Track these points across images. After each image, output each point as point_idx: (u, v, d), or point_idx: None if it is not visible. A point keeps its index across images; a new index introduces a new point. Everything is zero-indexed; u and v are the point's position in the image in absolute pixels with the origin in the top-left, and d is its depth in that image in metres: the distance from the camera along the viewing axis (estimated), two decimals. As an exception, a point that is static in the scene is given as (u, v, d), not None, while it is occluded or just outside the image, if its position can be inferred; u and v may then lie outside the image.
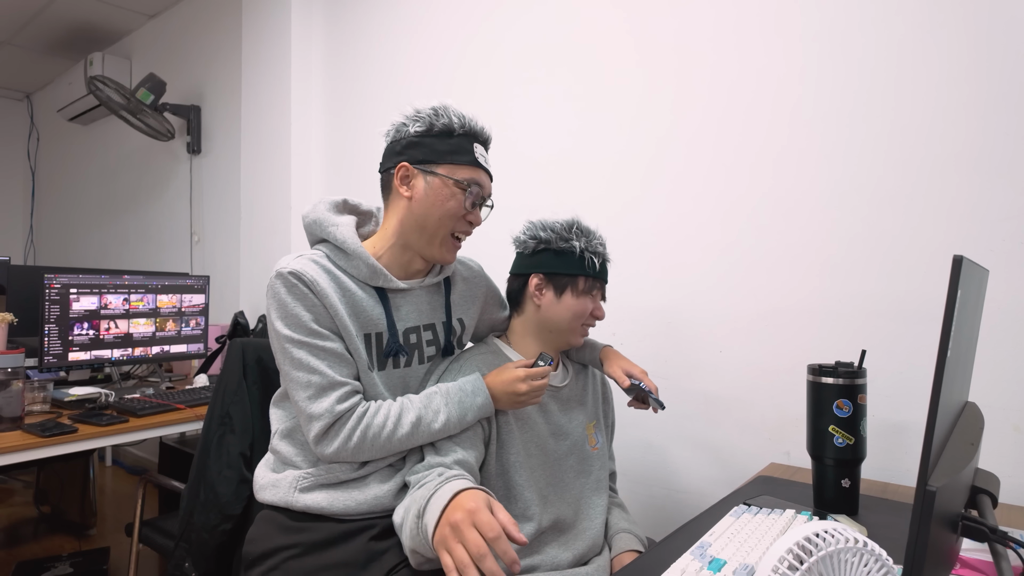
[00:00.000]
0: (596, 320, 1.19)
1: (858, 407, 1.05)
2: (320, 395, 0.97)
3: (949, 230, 1.26)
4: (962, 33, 1.25)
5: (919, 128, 1.29)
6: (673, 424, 1.62)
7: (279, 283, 0.99)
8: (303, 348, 0.98)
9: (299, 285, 0.99)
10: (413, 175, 1.04)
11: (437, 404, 1.02)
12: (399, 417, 1.00)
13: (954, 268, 0.53)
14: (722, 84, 1.56)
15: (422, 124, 1.05)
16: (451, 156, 1.04)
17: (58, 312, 1.98)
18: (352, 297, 1.03)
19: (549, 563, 1.08)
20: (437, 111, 1.05)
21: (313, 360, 0.97)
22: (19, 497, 3.12)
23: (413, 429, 1.00)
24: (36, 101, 4.97)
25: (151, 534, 1.62)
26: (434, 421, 1.01)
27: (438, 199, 1.03)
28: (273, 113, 2.62)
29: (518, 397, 1.05)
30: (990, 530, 0.63)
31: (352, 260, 1.04)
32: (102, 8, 3.48)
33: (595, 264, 1.16)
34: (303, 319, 0.98)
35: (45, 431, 1.57)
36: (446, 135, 1.04)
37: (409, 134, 1.05)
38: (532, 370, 1.05)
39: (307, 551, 0.99)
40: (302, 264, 1.01)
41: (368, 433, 0.98)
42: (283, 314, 0.99)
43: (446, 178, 1.03)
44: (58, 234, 4.74)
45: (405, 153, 1.05)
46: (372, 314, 1.04)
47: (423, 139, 1.04)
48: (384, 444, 0.99)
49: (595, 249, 1.16)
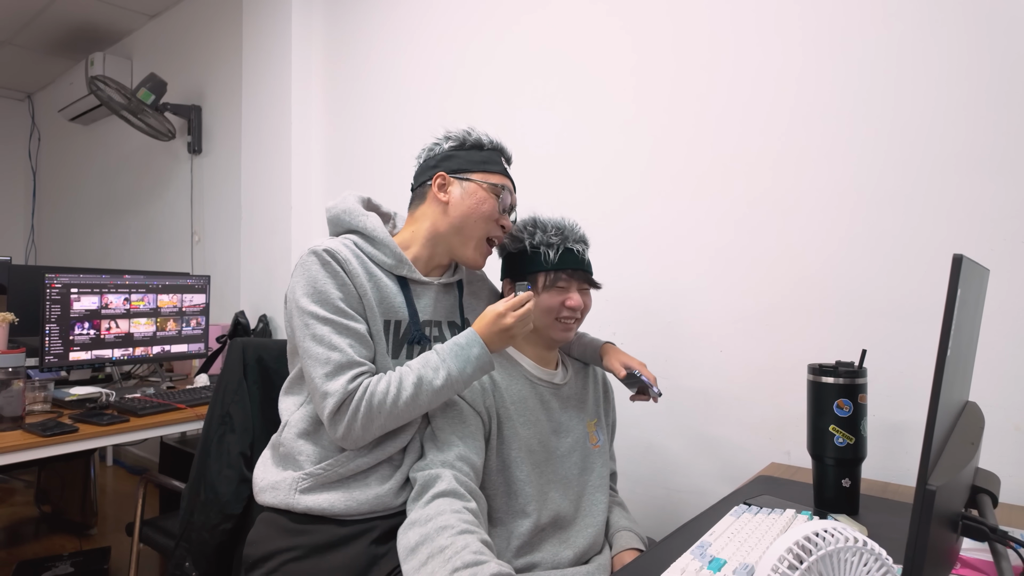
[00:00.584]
0: (573, 311, 1.15)
1: (858, 407, 1.04)
2: (337, 373, 0.98)
3: (950, 229, 1.26)
4: (962, 32, 1.24)
5: (920, 126, 1.29)
6: (673, 424, 1.62)
7: (313, 259, 1.02)
8: (328, 324, 1.00)
9: (332, 263, 1.02)
10: (449, 183, 1.12)
11: (435, 362, 1.01)
12: (400, 381, 0.99)
13: (954, 267, 0.53)
14: (721, 82, 1.56)
15: (455, 141, 1.15)
16: (483, 165, 1.13)
17: (59, 312, 1.98)
18: (378, 283, 1.07)
19: (550, 561, 1.08)
20: (467, 130, 1.16)
21: (336, 337, 0.99)
22: (20, 497, 3.12)
23: (416, 390, 0.99)
24: (37, 101, 4.97)
25: (151, 534, 1.62)
26: (435, 379, 1.00)
27: (474, 201, 1.10)
28: (273, 113, 2.62)
29: (508, 332, 1.03)
30: (990, 529, 0.63)
31: (380, 247, 1.09)
32: (103, 8, 3.48)
33: (550, 256, 1.14)
34: (332, 296, 1.01)
35: (46, 431, 1.57)
36: (477, 148, 1.15)
37: (444, 150, 1.15)
38: (511, 301, 1.04)
39: (308, 554, 0.99)
40: (336, 244, 1.05)
41: (373, 402, 0.97)
42: (312, 290, 1.01)
43: (480, 183, 1.11)
44: (59, 234, 4.74)
45: (440, 165, 1.13)
46: (395, 302, 1.08)
47: (457, 152, 1.14)
48: (391, 411, 0.98)
49: (548, 241, 1.15)
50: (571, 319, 1.16)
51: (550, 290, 1.14)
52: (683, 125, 1.62)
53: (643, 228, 1.69)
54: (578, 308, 1.15)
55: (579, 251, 1.17)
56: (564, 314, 1.15)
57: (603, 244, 1.63)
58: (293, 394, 1.11)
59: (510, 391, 1.13)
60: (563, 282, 1.15)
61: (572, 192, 1.83)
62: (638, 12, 1.71)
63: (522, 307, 1.04)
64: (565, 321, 1.16)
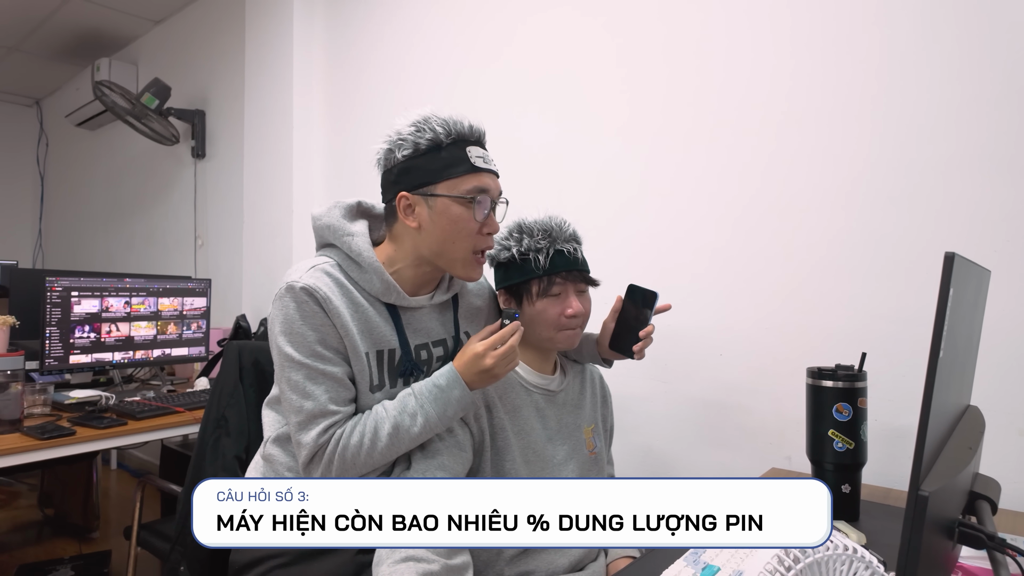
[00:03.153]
0: (573, 319, 1.09)
1: (858, 411, 1.03)
2: (309, 424, 0.94)
3: (951, 230, 1.24)
4: (962, 30, 1.23)
5: (920, 128, 1.28)
6: (672, 429, 1.60)
7: (289, 298, 0.95)
8: (301, 370, 0.94)
9: (309, 303, 0.94)
10: (415, 202, 0.98)
11: (412, 407, 0.96)
12: (375, 431, 0.94)
13: (945, 266, 0.52)
14: (716, 84, 1.55)
15: (408, 147, 0.97)
16: (446, 171, 0.96)
17: (59, 315, 1.99)
18: (364, 314, 0.99)
19: (544, 568, 1.06)
20: (419, 127, 0.97)
21: (309, 385, 0.94)
22: (24, 500, 3.13)
23: (391, 440, 0.95)
24: (45, 107, 5.01)
25: (149, 537, 1.62)
26: (412, 425, 0.95)
27: (447, 222, 0.97)
28: (275, 118, 2.63)
29: (489, 372, 0.96)
30: (988, 537, 0.61)
31: (366, 274, 0.99)
32: (109, 14, 3.51)
33: (540, 261, 1.08)
34: (308, 339, 0.94)
35: (44, 433, 1.57)
36: (435, 150, 0.97)
37: (398, 160, 0.98)
38: (489, 340, 0.96)
39: (294, 560, 0.98)
40: (315, 278, 0.96)
41: (347, 455, 0.93)
42: (288, 330, 0.95)
43: (448, 197, 0.96)
44: (66, 238, 4.77)
45: (400, 181, 0.98)
46: (383, 331, 1.00)
47: (413, 162, 0.97)
48: (366, 461, 0.95)
49: (536, 246, 1.08)
50: (574, 328, 1.11)
51: (545, 298, 1.09)
52: (678, 128, 1.61)
53: (640, 233, 1.67)
54: (579, 315, 1.10)
55: (570, 251, 1.10)
56: (565, 323, 1.09)
57: (601, 248, 1.61)
58: (275, 411, 1.08)
59: (504, 400, 1.10)
60: (558, 286, 1.09)
61: (571, 197, 1.82)
62: (633, 14, 1.70)
63: (504, 344, 0.96)
64: (567, 331, 1.10)
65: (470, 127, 1.00)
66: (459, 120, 0.99)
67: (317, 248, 1.08)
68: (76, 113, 3.99)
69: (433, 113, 0.99)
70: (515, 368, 1.11)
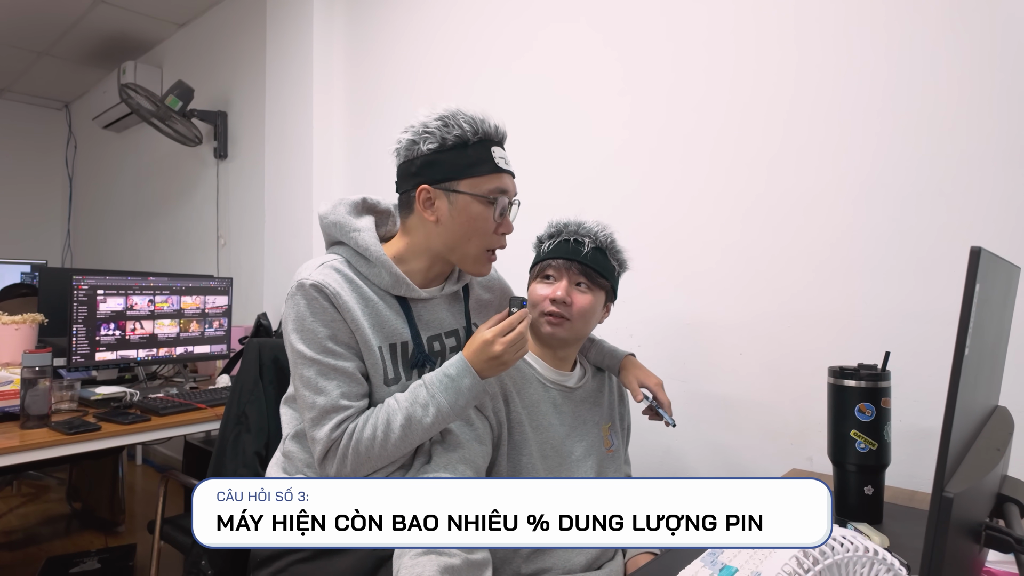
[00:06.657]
0: (554, 303, 1.08)
1: (881, 411, 1.01)
2: (322, 419, 0.95)
3: (978, 225, 1.21)
4: (990, 20, 1.20)
5: (945, 120, 1.24)
6: (692, 429, 1.59)
7: (300, 296, 0.97)
8: (313, 367, 0.95)
9: (319, 299, 0.96)
10: (435, 196, 0.99)
11: (424, 398, 0.96)
12: (388, 424, 0.95)
13: (971, 261, 0.51)
14: (746, 79, 1.52)
15: (434, 140, 0.98)
16: (471, 169, 0.98)
17: (86, 313, 2.03)
18: (374, 308, 1.00)
19: (561, 566, 1.06)
20: (447, 122, 0.98)
21: (321, 380, 0.95)
22: (54, 494, 3.20)
23: (404, 432, 0.95)
24: (74, 110, 5.13)
25: (172, 532, 1.64)
26: (424, 416, 0.95)
27: (466, 219, 0.98)
28: (296, 119, 2.66)
29: (498, 359, 0.95)
30: (1016, 540, 0.59)
31: (374, 268, 1.01)
32: (134, 18, 3.58)
33: (544, 247, 1.15)
34: (319, 335, 0.95)
35: (70, 429, 1.60)
36: (461, 147, 0.98)
37: (422, 152, 0.98)
38: (498, 326, 0.96)
39: (314, 556, 0.98)
40: (324, 275, 0.97)
41: (360, 448, 0.94)
42: (299, 327, 0.96)
43: (471, 195, 0.98)
44: (93, 238, 4.88)
45: (422, 174, 0.99)
46: (395, 324, 1.02)
47: (438, 156, 0.98)
48: (380, 454, 0.95)
49: (548, 234, 1.16)
50: (555, 314, 1.08)
51: (537, 280, 1.13)
52: (708, 126, 1.59)
53: (663, 232, 1.66)
54: (559, 300, 1.07)
55: (575, 242, 1.10)
56: (546, 307, 1.08)
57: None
58: (292, 408, 1.09)
59: (522, 396, 1.10)
60: (552, 271, 1.10)
61: (599, 195, 1.81)
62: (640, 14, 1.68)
63: (513, 330, 0.95)
64: (550, 317, 1.08)
65: (495, 128, 1.01)
66: (486, 119, 1.00)
67: (326, 246, 1.10)
68: (103, 115, 4.07)
69: (459, 109, 0.99)
70: (527, 358, 1.13)
